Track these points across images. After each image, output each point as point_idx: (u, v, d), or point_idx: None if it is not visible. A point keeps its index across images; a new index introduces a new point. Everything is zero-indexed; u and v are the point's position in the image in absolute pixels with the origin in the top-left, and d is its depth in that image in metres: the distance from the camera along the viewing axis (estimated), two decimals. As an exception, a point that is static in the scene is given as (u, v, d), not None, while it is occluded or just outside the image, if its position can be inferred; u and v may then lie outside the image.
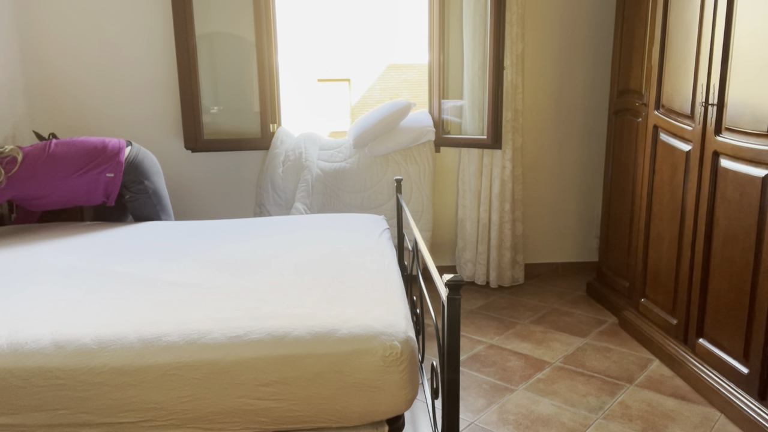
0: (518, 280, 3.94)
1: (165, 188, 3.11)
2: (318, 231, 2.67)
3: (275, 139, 3.77)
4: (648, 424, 2.34)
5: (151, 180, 3.01)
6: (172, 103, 3.72)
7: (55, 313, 1.79)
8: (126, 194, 2.97)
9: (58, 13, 3.58)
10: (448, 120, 3.88)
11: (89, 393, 1.58)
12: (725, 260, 2.39)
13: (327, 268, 2.15)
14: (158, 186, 3.05)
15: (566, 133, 3.97)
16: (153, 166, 3.06)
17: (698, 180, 2.54)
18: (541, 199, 4.04)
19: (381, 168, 3.74)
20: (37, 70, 3.61)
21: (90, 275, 2.13)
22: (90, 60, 3.64)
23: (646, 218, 3.00)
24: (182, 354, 1.60)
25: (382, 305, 1.81)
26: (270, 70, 3.68)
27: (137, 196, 2.97)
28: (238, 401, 1.59)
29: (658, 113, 2.89)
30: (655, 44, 2.89)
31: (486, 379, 2.70)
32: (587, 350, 2.98)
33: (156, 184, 3.03)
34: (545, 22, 3.81)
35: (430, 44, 3.81)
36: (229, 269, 2.18)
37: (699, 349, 2.58)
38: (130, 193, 2.96)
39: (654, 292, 2.96)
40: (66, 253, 2.40)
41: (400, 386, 1.60)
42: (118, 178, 2.88)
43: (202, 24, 3.59)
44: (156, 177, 3.05)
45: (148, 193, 2.98)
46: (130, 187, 2.95)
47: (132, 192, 2.96)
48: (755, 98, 2.19)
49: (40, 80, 3.62)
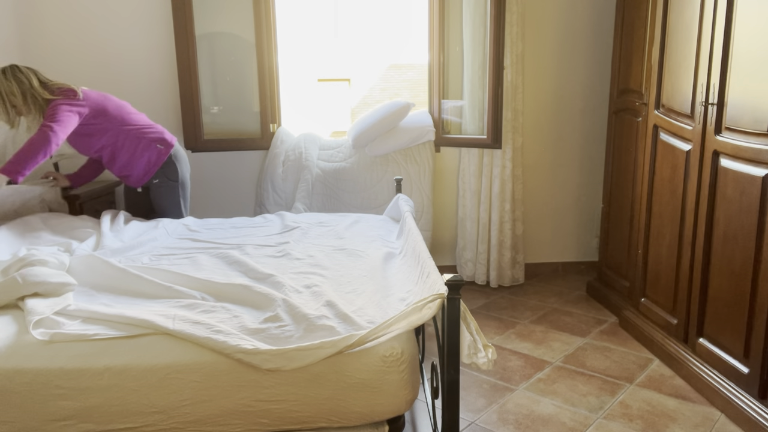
0: (518, 279, 3.94)
1: (190, 186, 3.23)
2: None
3: (275, 139, 3.77)
4: (648, 423, 2.34)
5: (184, 171, 3.13)
6: (172, 103, 3.71)
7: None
8: (157, 178, 3.04)
9: (57, 14, 3.58)
10: (448, 120, 3.88)
11: (90, 401, 1.57)
12: (725, 260, 2.39)
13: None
14: (187, 180, 3.18)
15: (566, 133, 3.97)
16: (187, 162, 3.21)
17: (698, 180, 2.54)
18: (541, 199, 4.04)
19: (381, 168, 3.74)
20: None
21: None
22: (90, 60, 3.64)
23: (646, 218, 3.00)
24: (182, 356, 1.61)
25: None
26: (270, 70, 3.68)
27: (168, 183, 3.06)
28: (239, 403, 1.59)
29: (658, 113, 2.89)
30: (655, 44, 2.89)
31: (486, 379, 2.70)
32: (587, 350, 2.98)
33: (187, 177, 3.17)
34: (545, 22, 3.81)
35: (430, 44, 3.81)
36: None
37: (699, 348, 2.58)
38: (164, 178, 3.04)
39: (654, 291, 2.96)
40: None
41: (400, 386, 1.60)
42: (163, 155, 3.00)
43: (202, 24, 3.59)
44: (188, 171, 3.19)
45: (177, 183, 3.08)
46: (166, 170, 3.04)
47: (165, 176, 3.04)
48: (755, 98, 2.19)
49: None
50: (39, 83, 2.73)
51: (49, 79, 2.80)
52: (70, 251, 2.32)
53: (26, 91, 2.68)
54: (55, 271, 1.97)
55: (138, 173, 3.01)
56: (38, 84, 2.72)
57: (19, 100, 2.68)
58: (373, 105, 10.66)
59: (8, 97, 2.67)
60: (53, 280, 1.90)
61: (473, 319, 1.67)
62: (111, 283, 2.03)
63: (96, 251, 2.38)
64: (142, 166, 2.99)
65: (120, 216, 2.86)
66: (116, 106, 2.92)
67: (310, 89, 10.93)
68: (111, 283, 2.03)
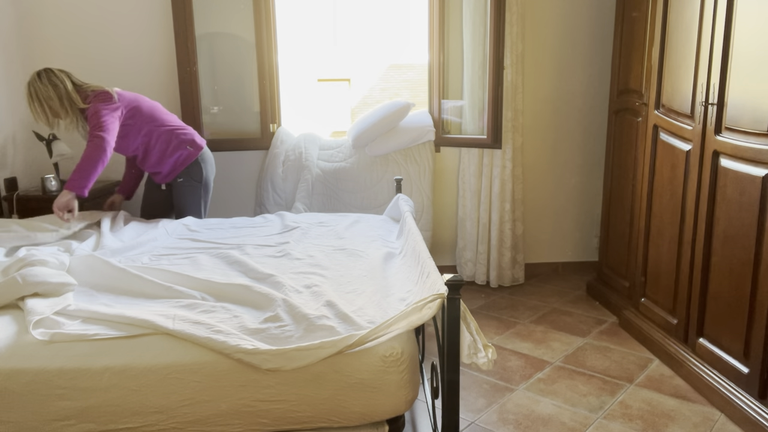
0: (518, 279, 3.95)
1: (212, 188, 3.24)
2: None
3: (275, 139, 3.77)
4: (648, 423, 2.34)
5: (209, 173, 3.16)
6: (172, 103, 3.71)
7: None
8: (182, 177, 3.07)
9: (57, 14, 3.58)
10: (448, 120, 3.88)
11: (90, 401, 1.57)
12: (725, 260, 2.39)
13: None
14: (210, 182, 3.20)
15: (566, 133, 3.97)
16: (214, 165, 3.23)
17: (698, 179, 2.54)
18: (541, 199, 4.04)
19: (381, 168, 3.74)
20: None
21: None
22: (90, 60, 3.63)
23: (646, 218, 3.00)
24: (182, 357, 1.61)
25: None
26: (270, 70, 3.68)
27: (192, 183, 3.08)
28: (239, 403, 1.59)
29: (658, 113, 2.89)
30: (655, 44, 2.89)
31: (486, 379, 2.70)
32: (587, 350, 2.98)
33: (210, 179, 3.19)
34: (545, 22, 3.81)
35: (430, 44, 3.81)
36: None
37: (699, 348, 2.58)
38: (188, 177, 3.07)
39: (654, 291, 2.96)
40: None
41: (400, 386, 1.60)
42: (193, 155, 3.03)
43: (202, 24, 3.59)
44: (212, 174, 3.22)
45: (201, 183, 3.11)
46: (192, 171, 3.06)
47: (190, 176, 3.07)
48: (755, 97, 2.19)
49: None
50: (73, 86, 2.79)
51: (83, 82, 2.86)
52: (70, 251, 2.32)
53: (62, 95, 2.75)
54: (55, 271, 1.97)
55: (165, 171, 3.05)
56: (72, 87, 2.78)
57: (56, 104, 2.74)
58: (373, 105, 10.66)
59: (46, 101, 2.73)
60: (53, 280, 1.90)
61: (473, 319, 1.67)
62: (111, 283, 2.03)
63: (96, 251, 2.38)
64: (170, 164, 3.02)
65: (120, 216, 2.86)
66: (149, 106, 2.98)
67: (310, 89, 10.93)
68: (111, 283, 2.03)
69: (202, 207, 3.17)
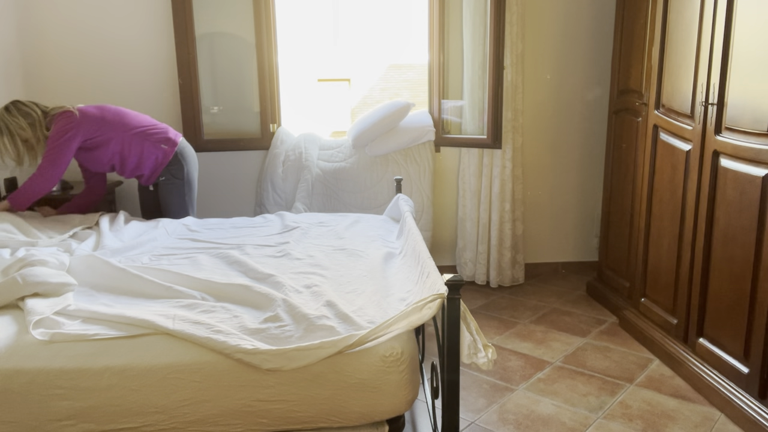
0: (518, 279, 3.94)
1: (197, 184, 3.22)
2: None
3: (275, 139, 3.77)
4: (648, 423, 2.34)
5: (190, 169, 3.13)
6: (172, 103, 3.71)
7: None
8: (164, 176, 3.05)
9: (57, 14, 3.58)
10: (448, 120, 3.88)
11: (90, 401, 1.57)
12: (725, 260, 2.39)
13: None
14: (193, 178, 3.18)
15: (566, 133, 3.97)
16: (194, 160, 3.20)
17: (698, 180, 2.54)
18: (541, 199, 4.04)
19: (381, 168, 3.74)
20: (36, 72, 3.61)
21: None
22: (89, 60, 3.64)
23: (646, 218, 3.00)
24: (182, 356, 1.61)
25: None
26: (270, 70, 3.68)
27: (174, 180, 3.07)
28: (239, 403, 1.59)
29: (658, 113, 2.89)
30: (655, 44, 2.89)
31: (486, 379, 2.70)
32: (587, 350, 2.98)
33: (192, 175, 3.16)
34: (545, 22, 3.81)
35: (430, 44, 3.81)
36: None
37: (699, 348, 2.58)
38: (169, 176, 3.05)
39: (654, 291, 2.96)
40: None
41: (400, 386, 1.60)
42: (169, 153, 3.01)
43: (202, 24, 3.59)
44: (194, 169, 3.18)
45: (183, 180, 3.09)
46: (172, 169, 3.05)
47: (171, 174, 3.05)
48: (755, 98, 2.19)
49: (39, 81, 3.61)
50: (42, 112, 2.79)
51: (46, 106, 2.85)
52: (70, 251, 2.32)
53: (35, 122, 2.75)
54: (55, 271, 1.97)
55: (147, 173, 3.05)
56: (41, 113, 2.78)
57: (29, 133, 2.73)
58: (373, 105, 10.65)
59: (18, 132, 2.71)
60: (53, 280, 1.90)
61: (473, 319, 1.67)
62: (111, 283, 2.03)
63: (96, 251, 2.38)
64: (150, 166, 3.02)
65: (120, 216, 2.86)
66: (114, 113, 2.93)
67: (310, 89, 10.93)
68: (111, 283, 2.03)
69: (187, 204, 3.15)
